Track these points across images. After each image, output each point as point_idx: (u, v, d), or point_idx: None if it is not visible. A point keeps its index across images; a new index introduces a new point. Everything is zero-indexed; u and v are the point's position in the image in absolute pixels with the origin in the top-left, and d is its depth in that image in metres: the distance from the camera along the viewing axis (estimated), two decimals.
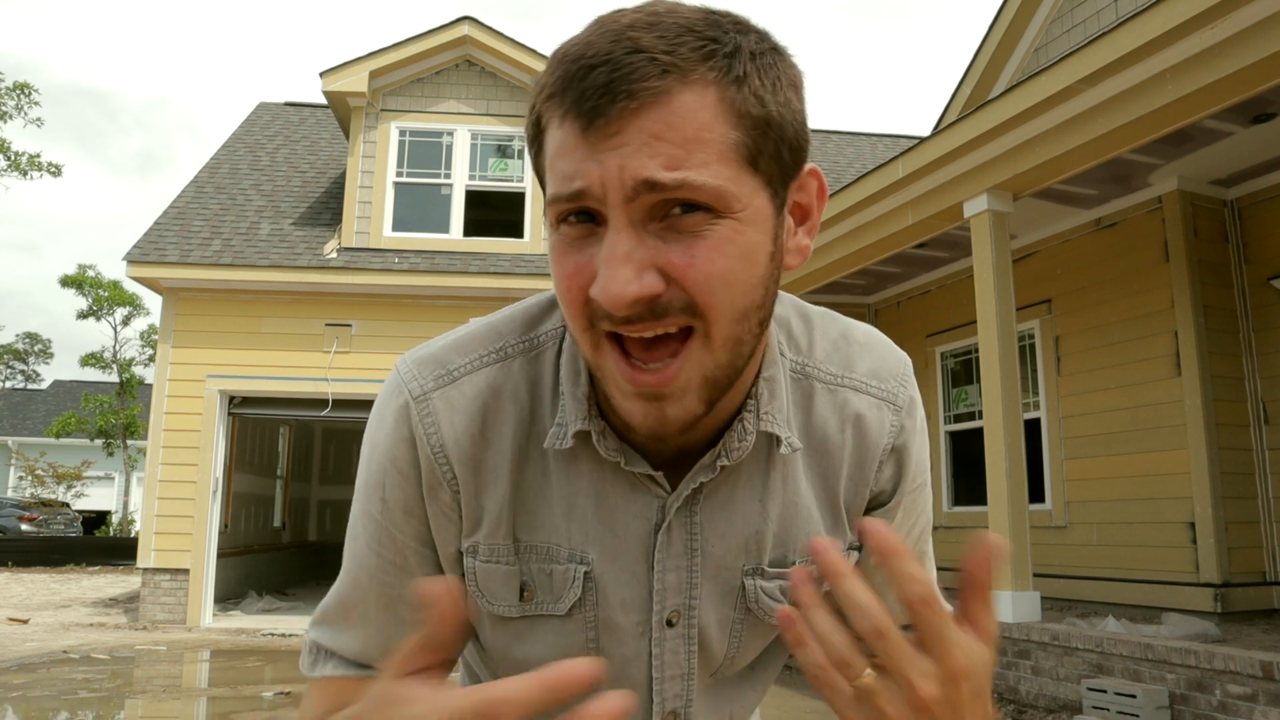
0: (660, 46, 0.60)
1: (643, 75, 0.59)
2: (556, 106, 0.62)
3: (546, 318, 0.79)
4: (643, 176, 0.59)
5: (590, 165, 0.60)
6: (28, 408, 33.37)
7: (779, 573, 0.80)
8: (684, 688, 0.82)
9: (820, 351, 0.81)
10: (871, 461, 0.81)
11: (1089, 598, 6.86)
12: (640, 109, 0.59)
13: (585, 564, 0.77)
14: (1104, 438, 6.88)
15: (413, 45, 10.46)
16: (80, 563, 18.19)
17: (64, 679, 6.17)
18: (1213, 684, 4.25)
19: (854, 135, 15.20)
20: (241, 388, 9.46)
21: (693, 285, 0.61)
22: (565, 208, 0.62)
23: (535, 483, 0.77)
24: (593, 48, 0.60)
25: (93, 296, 27.61)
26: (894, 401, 0.82)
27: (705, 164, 0.60)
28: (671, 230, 0.61)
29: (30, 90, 21.73)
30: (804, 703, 5.63)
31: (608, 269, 0.60)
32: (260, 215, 10.54)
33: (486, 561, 0.78)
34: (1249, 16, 4.23)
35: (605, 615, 0.79)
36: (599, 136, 0.60)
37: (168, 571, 9.13)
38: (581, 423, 0.73)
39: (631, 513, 0.76)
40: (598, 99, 0.59)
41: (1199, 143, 5.79)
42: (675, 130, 0.59)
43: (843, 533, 0.82)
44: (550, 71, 0.63)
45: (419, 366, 0.77)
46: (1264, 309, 6.22)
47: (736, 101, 0.61)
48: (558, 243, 0.65)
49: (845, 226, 7.24)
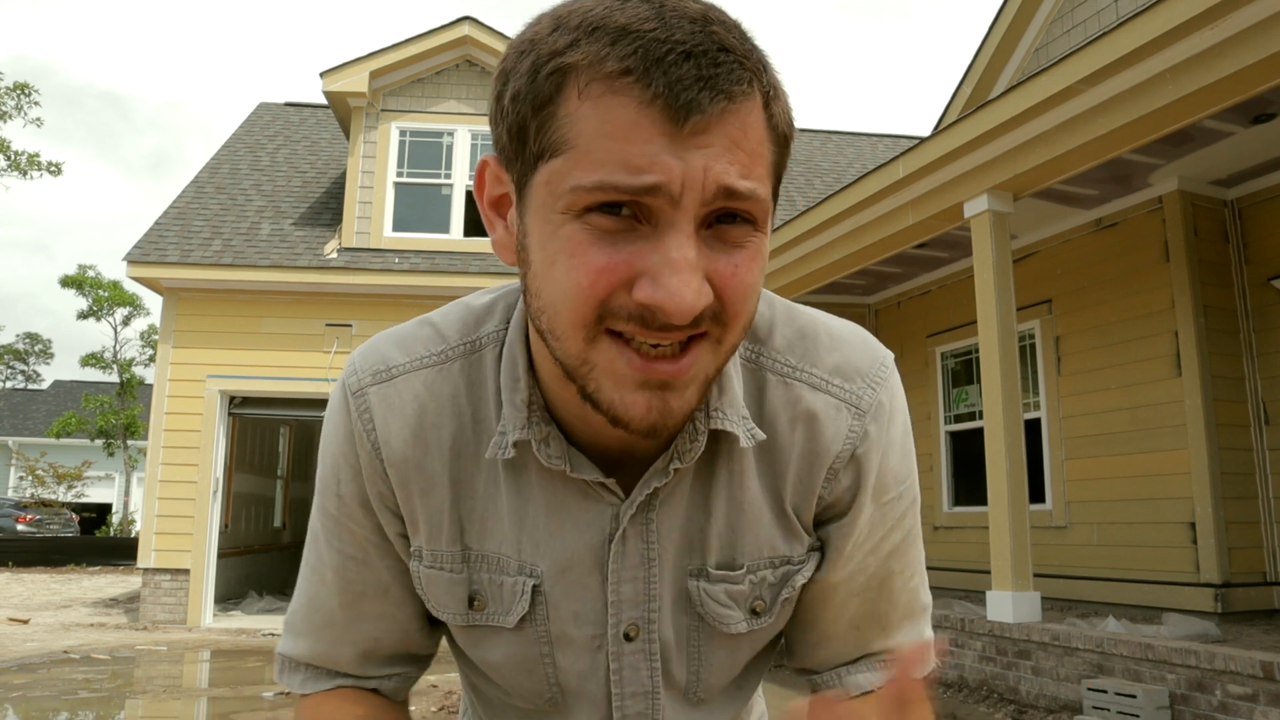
0: (740, 49, 0.57)
1: (738, 78, 0.56)
2: (630, 85, 0.55)
3: (488, 318, 0.76)
4: (725, 183, 0.57)
5: (670, 160, 0.55)
6: (28, 408, 33.38)
7: (725, 575, 0.75)
8: (648, 705, 0.77)
9: (780, 340, 0.76)
10: (821, 468, 0.74)
11: (1089, 598, 6.86)
12: (728, 113, 0.57)
13: (534, 577, 0.74)
14: (1104, 438, 6.87)
15: (413, 45, 10.46)
16: (80, 563, 18.19)
17: (64, 679, 6.17)
18: (1213, 684, 4.25)
19: (854, 135, 15.20)
20: (242, 388, 9.46)
21: (730, 296, 0.60)
22: (617, 197, 0.56)
23: (486, 491, 0.74)
24: (674, 31, 0.56)
25: (93, 297, 27.62)
26: (856, 404, 0.74)
27: (762, 178, 0.60)
28: (719, 239, 0.59)
29: (30, 90, 21.73)
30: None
31: (675, 275, 0.56)
32: (260, 215, 10.54)
33: (430, 567, 0.75)
34: (1249, 17, 4.22)
35: (558, 629, 0.75)
36: (688, 132, 0.55)
37: (168, 572, 9.13)
38: (521, 431, 0.70)
39: (584, 522, 0.73)
40: (696, 92, 0.55)
41: (1199, 143, 5.79)
42: (748, 139, 0.58)
43: (799, 536, 0.76)
44: (603, 39, 0.56)
45: (363, 359, 0.75)
46: (1264, 309, 6.21)
47: (774, 117, 0.61)
48: (581, 234, 0.58)
49: (845, 227, 7.24)
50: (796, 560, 0.77)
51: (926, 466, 8.88)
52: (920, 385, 8.98)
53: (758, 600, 0.76)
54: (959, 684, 5.71)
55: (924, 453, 8.95)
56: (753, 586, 0.76)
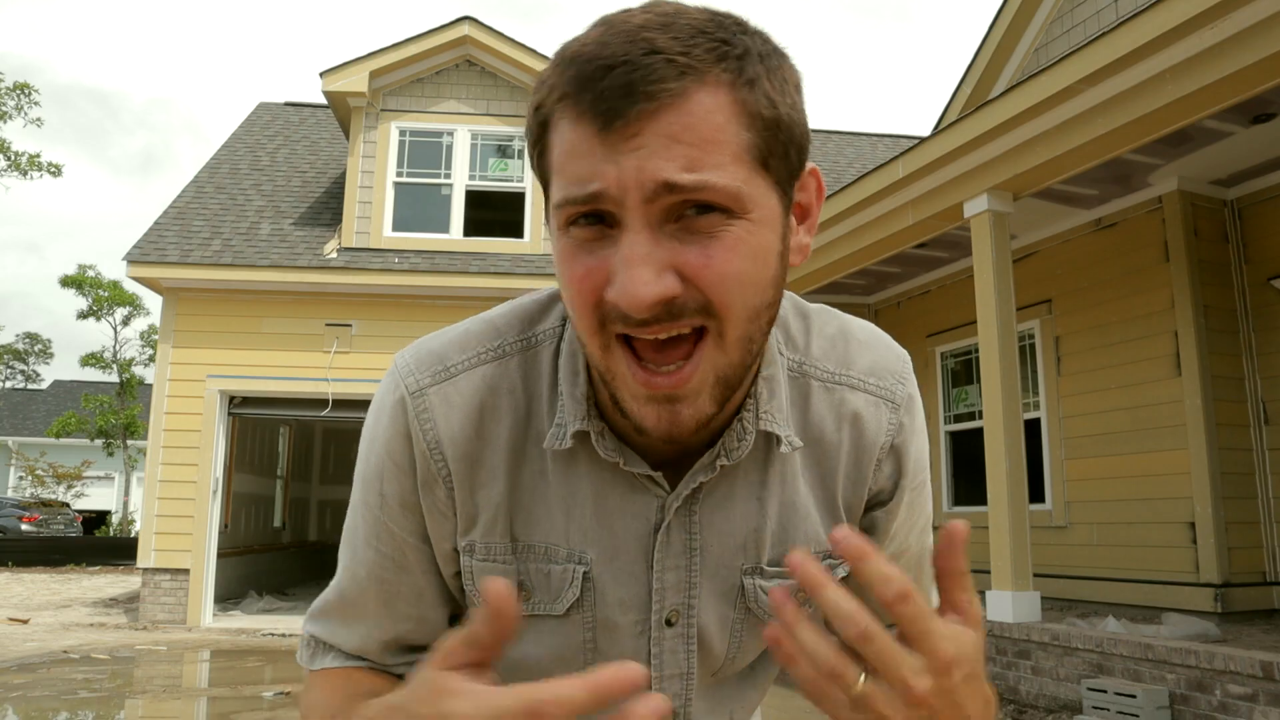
0: (675, 48, 0.59)
1: (661, 76, 0.58)
2: (570, 107, 0.61)
3: (544, 316, 0.79)
4: (662, 178, 0.59)
5: (607, 167, 0.59)
6: (28, 408, 33.38)
7: (778, 571, 0.80)
8: (683, 687, 0.82)
9: (817, 349, 0.81)
10: (869, 460, 0.81)
11: (1089, 598, 6.86)
12: (658, 110, 0.59)
13: (583, 564, 0.77)
14: (1104, 438, 6.88)
15: (413, 45, 10.46)
16: (80, 563, 18.19)
17: (64, 679, 6.17)
18: (1213, 684, 4.25)
19: (854, 135, 15.20)
20: (242, 388, 9.46)
21: (709, 286, 0.61)
22: (577, 210, 0.61)
23: (533, 482, 0.76)
24: (607, 48, 0.59)
25: (93, 296, 27.61)
26: (892, 399, 0.82)
27: (721, 165, 0.60)
28: (687, 231, 0.61)
29: (30, 90, 21.73)
30: (804, 702, 5.63)
31: (626, 271, 0.60)
32: (260, 215, 10.54)
33: (484, 560, 0.78)
34: (1248, 17, 4.23)
35: (603, 615, 0.78)
36: (617, 138, 0.59)
37: (168, 571, 9.13)
38: (580, 423, 0.73)
39: (631, 513, 0.76)
40: (616, 100, 0.58)
41: (1199, 143, 5.79)
42: (692, 132, 0.59)
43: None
44: (559, 71, 0.62)
45: (417, 361, 0.77)
46: (1264, 309, 6.21)
47: (749, 103, 0.61)
48: (567, 245, 0.64)
49: (845, 226, 7.24)
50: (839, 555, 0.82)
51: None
52: (920, 385, 8.85)
53: (802, 592, 0.80)
54: None
55: None
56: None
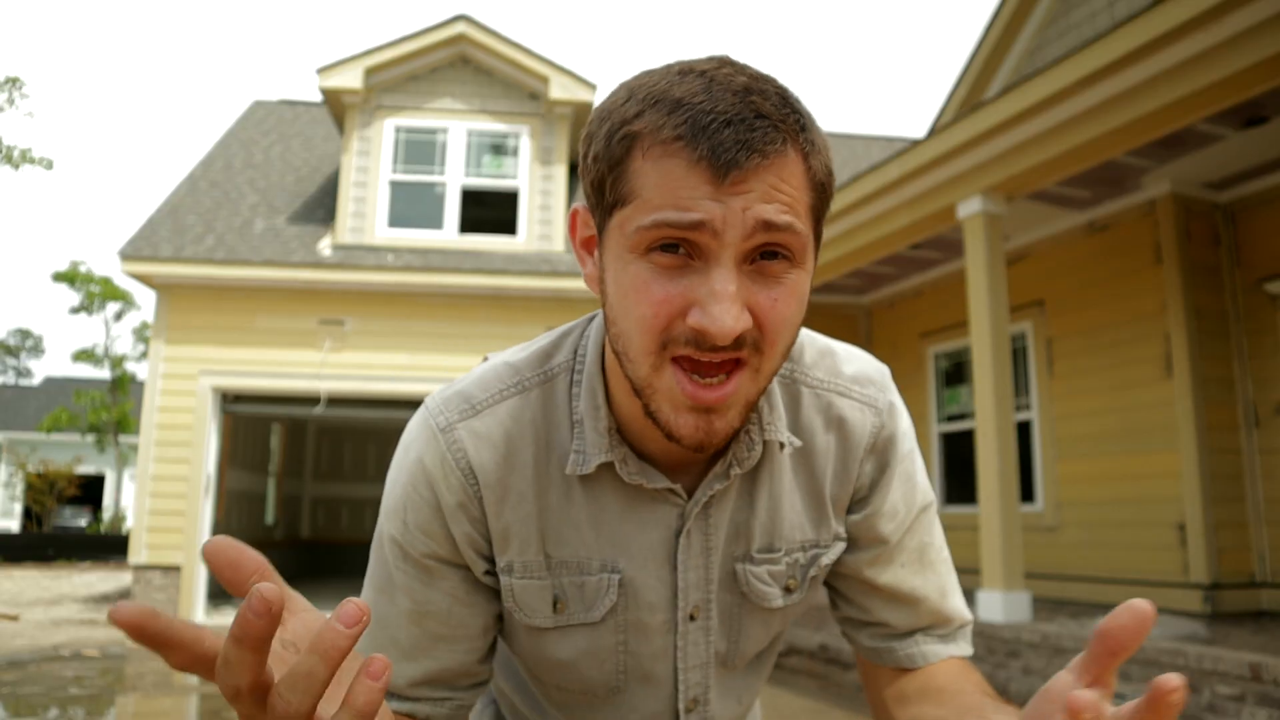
0: (776, 115, 0.68)
1: (771, 139, 0.67)
2: (682, 149, 0.67)
3: (558, 351, 0.88)
4: (764, 218, 0.67)
5: (713, 205, 0.67)
6: (19, 403, 33.23)
7: (766, 558, 0.88)
8: (704, 675, 0.90)
9: (808, 359, 0.91)
10: (855, 460, 0.89)
11: (1079, 598, 6.89)
12: (765, 166, 0.68)
13: (617, 572, 0.85)
14: (1095, 439, 6.91)
15: (408, 43, 10.44)
16: (71, 559, 18.13)
17: (55, 675, 6.16)
18: (1201, 685, 4.28)
19: (849, 137, 15.22)
20: (235, 384, 9.43)
21: (769, 325, 0.71)
22: (672, 233, 0.68)
23: (559, 503, 0.84)
24: (718, 103, 0.67)
25: (84, 292, 27.49)
26: (874, 405, 0.91)
27: (801, 217, 0.70)
28: (759, 274, 0.70)
29: (21, 84, 21.63)
30: (798, 702, 5.64)
31: (718, 303, 0.67)
32: (254, 212, 10.51)
33: (522, 578, 0.85)
34: (1241, 21, 4.25)
35: (634, 617, 0.87)
36: (728, 183, 0.67)
37: (159, 568, 9.11)
38: (605, 454, 0.81)
39: (654, 522, 0.85)
40: (734, 152, 0.66)
41: (1191, 146, 5.82)
42: (785, 186, 0.69)
43: (828, 523, 0.90)
44: (660, 109, 0.68)
45: (445, 402, 0.85)
46: (1255, 312, 6.25)
47: (814, 169, 0.72)
48: (645, 270, 0.70)
49: (839, 227, 7.26)
50: (823, 544, 0.91)
51: None
52: (913, 385, 9.00)
53: (790, 579, 0.91)
54: None
55: None
56: (788, 567, 0.90)
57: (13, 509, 28.41)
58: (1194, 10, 4.32)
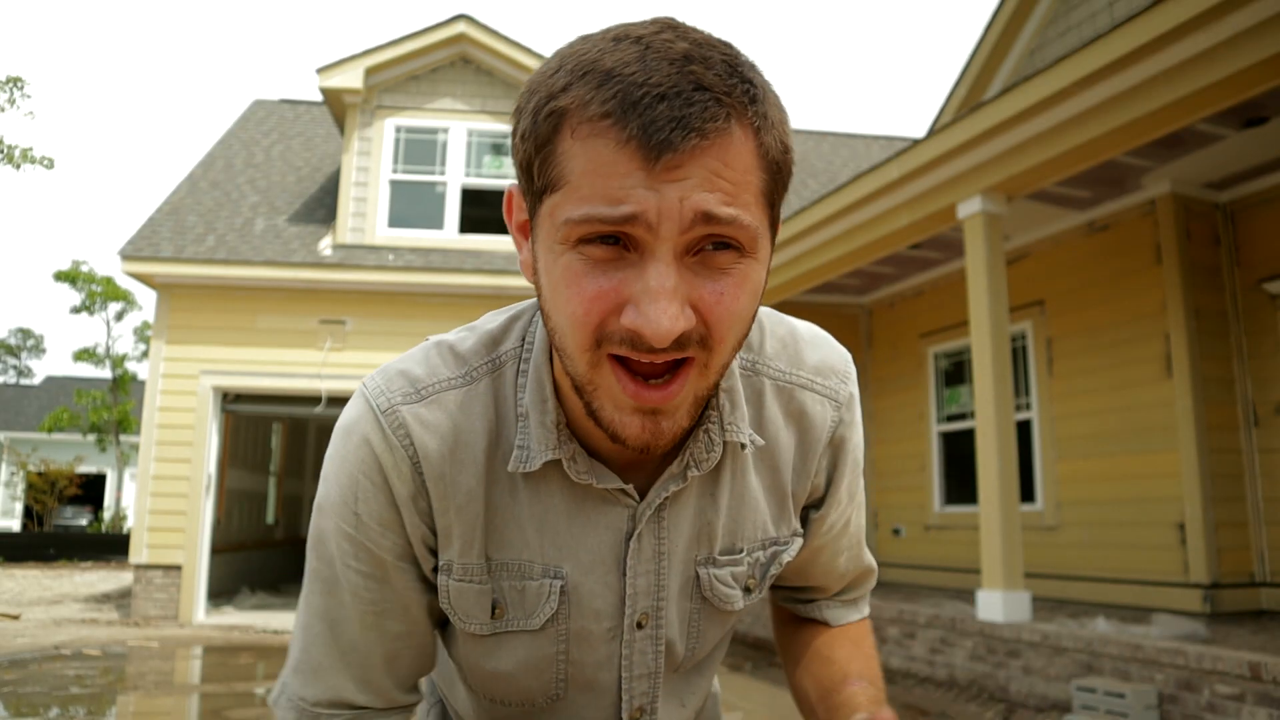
0: (720, 86, 0.60)
1: (712, 115, 0.59)
2: (610, 128, 0.59)
3: (506, 336, 0.80)
4: (703, 209, 0.60)
5: (646, 194, 0.59)
6: (20, 403, 33.25)
7: (729, 559, 0.84)
8: (650, 685, 0.85)
9: (770, 349, 0.84)
10: (814, 454, 0.86)
11: (1079, 598, 6.89)
12: (705, 147, 0.59)
13: (560, 578, 0.78)
14: (1095, 439, 6.91)
15: (409, 43, 10.45)
16: (72, 558, 18.14)
17: (56, 675, 6.17)
18: (1201, 684, 4.28)
19: (849, 136, 15.22)
20: (235, 384, 9.44)
21: (715, 322, 0.64)
22: (600, 229, 0.61)
23: (503, 502, 0.77)
24: (652, 74, 0.59)
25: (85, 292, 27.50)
26: (835, 398, 0.86)
27: (748, 205, 0.62)
28: (703, 266, 0.63)
29: (23, 83, 21.63)
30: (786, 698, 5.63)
31: (654, 302, 0.60)
32: (255, 211, 10.52)
33: (460, 580, 0.78)
34: (1241, 21, 4.25)
35: (578, 626, 0.80)
36: (662, 168, 0.59)
37: (160, 567, 9.12)
38: (552, 451, 0.74)
39: (603, 524, 0.78)
40: (668, 132, 0.58)
41: (1192, 146, 5.82)
42: (730, 170, 0.61)
43: (788, 519, 0.87)
44: (589, 82, 0.61)
45: (386, 382, 0.77)
46: (1255, 312, 6.25)
47: (765, 145, 0.63)
48: (577, 264, 0.63)
49: (839, 227, 7.26)
50: (783, 540, 0.87)
51: (918, 466, 8.91)
52: (913, 385, 9.00)
53: (750, 578, 0.87)
54: (949, 683, 5.74)
55: (915, 452, 8.98)
56: (749, 567, 0.86)
57: (14, 508, 28.40)
58: (1194, 10, 4.32)
